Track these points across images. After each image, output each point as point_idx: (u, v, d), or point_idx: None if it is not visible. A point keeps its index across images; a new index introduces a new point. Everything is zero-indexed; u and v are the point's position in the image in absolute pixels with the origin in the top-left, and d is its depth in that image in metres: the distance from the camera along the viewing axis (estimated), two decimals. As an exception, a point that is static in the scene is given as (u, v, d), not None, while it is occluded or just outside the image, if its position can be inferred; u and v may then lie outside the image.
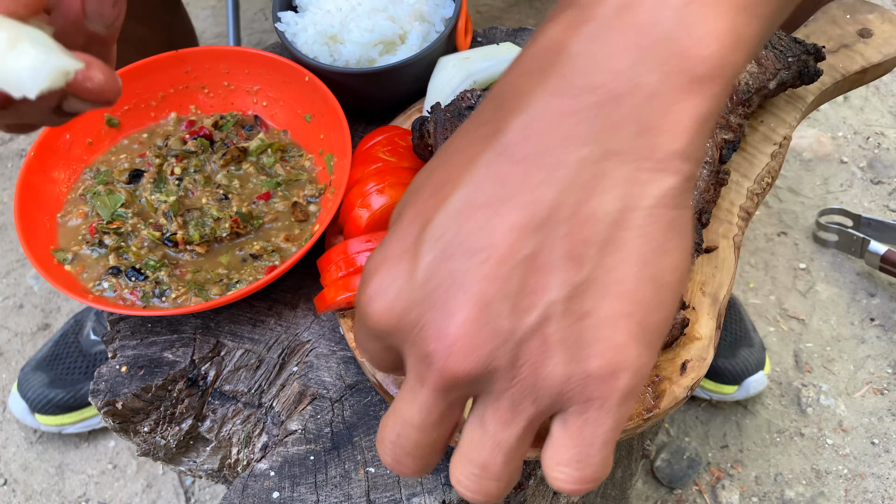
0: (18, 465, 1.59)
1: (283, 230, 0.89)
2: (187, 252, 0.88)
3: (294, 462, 0.77)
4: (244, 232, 0.89)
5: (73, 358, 1.56)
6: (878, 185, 1.95)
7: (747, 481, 1.54)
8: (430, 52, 0.95)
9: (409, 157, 0.88)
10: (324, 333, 0.86)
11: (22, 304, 1.79)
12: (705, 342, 0.77)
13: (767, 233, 1.87)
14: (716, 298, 0.81)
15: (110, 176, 0.93)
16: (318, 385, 0.83)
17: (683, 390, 0.74)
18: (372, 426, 0.79)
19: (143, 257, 0.87)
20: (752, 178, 0.90)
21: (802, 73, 0.91)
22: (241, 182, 0.93)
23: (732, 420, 1.61)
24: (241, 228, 0.89)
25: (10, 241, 1.90)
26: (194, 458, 0.92)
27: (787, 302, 1.77)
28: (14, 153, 2.07)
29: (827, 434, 1.59)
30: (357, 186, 0.85)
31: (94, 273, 0.87)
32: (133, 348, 0.85)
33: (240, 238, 0.89)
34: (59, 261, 0.87)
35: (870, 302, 1.76)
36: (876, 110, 2.09)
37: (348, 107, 0.95)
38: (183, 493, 1.54)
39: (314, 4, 1.00)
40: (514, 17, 2.21)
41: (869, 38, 1.00)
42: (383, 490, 0.75)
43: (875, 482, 1.53)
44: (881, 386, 1.65)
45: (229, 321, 0.87)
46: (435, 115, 0.84)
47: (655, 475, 1.54)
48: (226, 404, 0.86)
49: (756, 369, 1.56)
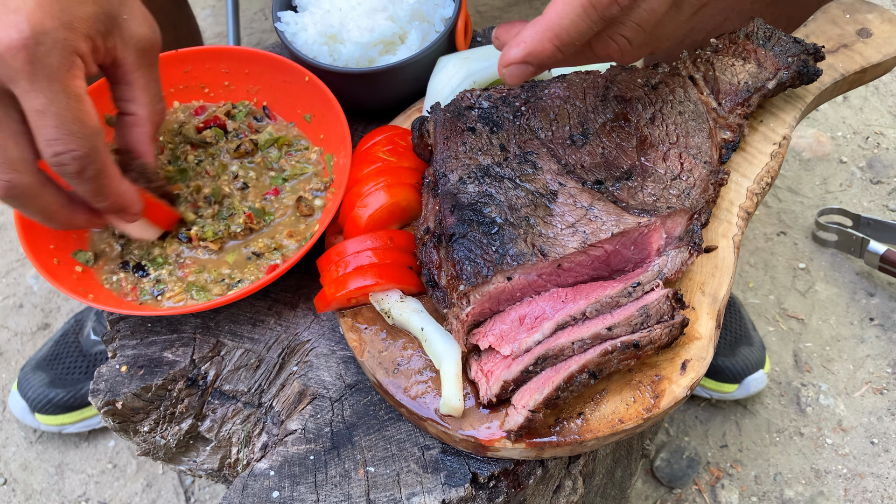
0: (18, 464, 1.59)
1: (287, 226, 0.90)
2: (200, 248, 0.88)
3: (294, 462, 0.77)
4: (257, 228, 0.90)
5: (73, 358, 1.56)
6: (877, 185, 1.95)
7: (747, 481, 1.54)
8: (429, 52, 0.95)
9: (409, 156, 0.88)
10: (324, 333, 0.86)
11: (22, 304, 1.80)
12: (705, 341, 0.78)
13: (767, 232, 1.87)
14: (715, 298, 0.81)
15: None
16: (318, 385, 0.83)
17: (683, 389, 0.74)
18: (372, 426, 0.79)
19: (156, 255, 0.88)
20: (751, 177, 0.90)
21: (802, 72, 0.91)
22: (255, 174, 0.94)
23: (732, 420, 1.62)
24: (254, 224, 0.89)
25: (10, 241, 1.90)
26: (194, 457, 0.92)
27: (786, 301, 1.77)
28: (14, 153, 2.07)
29: (826, 433, 1.59)
30: (357, 186, 0.85)
31: (111, 267, 0.88)
32: (133, 348, 0.86)
33: (252, 234, 0.90)
34: (81, 262, 0.88)
35: (869, 302, 1.76)
36: (875, 110, 2.09)
37: (348, 107, 0.95)
38: (183, 492, 1.54)
39: (314, 4, 1.00)
40: (514, 17, 2.21)
41: (868, 38, 1.00)
42: (383, 489, 0.75)
43: (874, 481, 1.53)
44: (880, 385, 1.65)
45: (229, 321, 0.87)
46: (435, 114, 0.84)
47: (655, 475, 1.55)
48: (226, 404, 0.86)
49: (756, 368, 1.56)
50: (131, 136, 0.78)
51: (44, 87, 0.65)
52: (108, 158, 0.72)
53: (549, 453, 0.74)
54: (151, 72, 0.77)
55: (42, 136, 0.67)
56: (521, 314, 0.75)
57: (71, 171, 0.69)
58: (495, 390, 0.73)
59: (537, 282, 0.75)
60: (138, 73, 0.75)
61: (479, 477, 0.75)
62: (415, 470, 0.76)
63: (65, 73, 0.65)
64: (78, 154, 0.68)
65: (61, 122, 0.66)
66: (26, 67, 0.64)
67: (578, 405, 0.74)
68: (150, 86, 0.77)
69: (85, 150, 0.68)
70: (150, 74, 0.76)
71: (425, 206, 0.83)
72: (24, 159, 0.69)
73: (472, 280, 0.72)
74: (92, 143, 0.68)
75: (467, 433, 0.73)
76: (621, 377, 0.75)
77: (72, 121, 0.66)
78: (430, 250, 0.79)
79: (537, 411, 0.69)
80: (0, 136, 0.68)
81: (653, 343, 0.72)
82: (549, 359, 0.72)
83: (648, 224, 0.76)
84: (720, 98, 0.89)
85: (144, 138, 0.78)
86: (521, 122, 0.84)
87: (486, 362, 0.75)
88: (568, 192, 0.78)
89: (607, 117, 0.85)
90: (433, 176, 0.81)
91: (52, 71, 0.65)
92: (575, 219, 0.76)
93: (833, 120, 2.07)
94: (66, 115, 0.66)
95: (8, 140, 0.68)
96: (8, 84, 0.65)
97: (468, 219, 0.75)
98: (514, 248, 0.73)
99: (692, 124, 0.86)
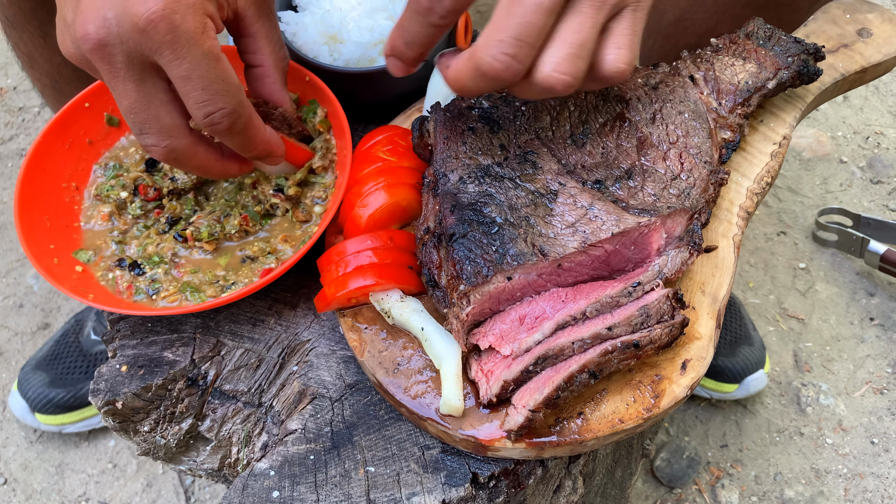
0: (18, 464, 1.59)
1: (282, 231, 0.90)
2: (195, 249, 0.88)
3: (294, 461, 0.77)
4: (253, 230, 0.89)
5: (73, 357, 1.56)
6: (877, 185, 1.95)
7: (747, 480, 1.54)
8: (429, 52, 0.95)
9: (409, 156, 0.88)
10: (324, 333, 0.86)
11: (22, 304, 1.80)
12: (705, 341, 0.78)
13: (767, 232, 1.87)
14: (715, 298, 0.81)
15: (120, 170, 0.94)
16: (318, 384, 0.83)
17: (683, 389, 0.74)
18: (372, 426, 0.79)
19: (151, 253, 0.88)
20: (751, 177, 0.90)
21: (802, 72, 0.91)
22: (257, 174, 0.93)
23: (732, 419, 1.62)
24: (249, 226, 0.89)
25: (10, 241, 1.90)
26: (194, 457, 0.92)
27: (786, 301, 1.77)
28: (14, 153, 2.07)
29: (826, 433, 1.59)
30: (357, 186, 0.85)
31: (107, 264, 0.89)
32: (133, 348, 0.86)
33: (248, 236, 0.89)
34: (83, 261, 0.88)
35: (869, 301, 1.76)
36: (875, 110, 2.09)
37: (348, 106, 0.95)
38: (183, 492, 1.54)
39: (314, 4, 1.00)
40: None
41: (869, 37, 1.00)
42: (383, 489, 0.75)
43: (874, 481, 1.53)
44: (880, 385, 1.65)
45: (229, 320, 0.87)
46: (435, 114, 0.84)
47: (655, 474, 1.55)
48: (226, 404, 0.86)
49: (756, 368, 1.56)
50: (264, 88, 0.82)
51: (185, 53, 0.68)
52: (253, 110, 0.76)
53: (549, 453, 0.74)
54: (270, 21, 0.79)
55: (192, 100, 0.70)
56: (522, 314, 0.75)
57: (223, 127, 0.73)
58: (495, 390, 0.73)
59: (537, 282, 0.75)
60: (259, 24, 0.78)
61: (479, 477, 0.75)
62: (415, 470, 0.76)
63: (201, 36, 0.68)
64: (226, 111, 0.72)
65: (207, 84, 0.69)
66: (168, 37, 0.67)
67: (578, 405, 0.74)
68: (272, 35, 0.80)
69: (232, 105, 0.72)
70: (269, 24, 0.79)
71: (425, 205, 0.83)
72: (177, 125, 0.73)
73: (472, 280, 0.72)
74: (238, 98, 0.72)
75: (467, 433, 0.73)
76: (621, 377, 0.75)
77: (216, 80, 0.70)
78: (430, 250, 0.79)
79: (537, 411, 0.69)
80: (153, 106, 0.71)
81: (653, 343, 0.72)
82: (549, 359, 0.72)
83: (648, 224, 0.76)
84: (720, 98, 0.89)
85: (277, 87, 0.82)
86: (521, 122, 0.84)
87: (486, 362, 0.75)
88: (568, 191, 0.78)
89: (607, 117, 0.85)
90: (433, 176, 0.81)
91: (190, 36, 0.67)
92: (575, 218, 0.76)
93: (833, 120, 2.08)
94: (210, 75, 0.69)
95: (160, 109, 0.72)
96: (153, 56, 0.68)
97: (468, 219, 0.75)
98: (514, 248, 0.73)
99: (692, 124, 0.86)
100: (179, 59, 0.68)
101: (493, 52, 0.66)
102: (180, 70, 0.68)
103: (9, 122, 2.15)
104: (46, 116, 2.13)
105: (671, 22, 1.26)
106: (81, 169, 0.94)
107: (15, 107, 2.19)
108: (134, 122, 0.73)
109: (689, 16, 1.23)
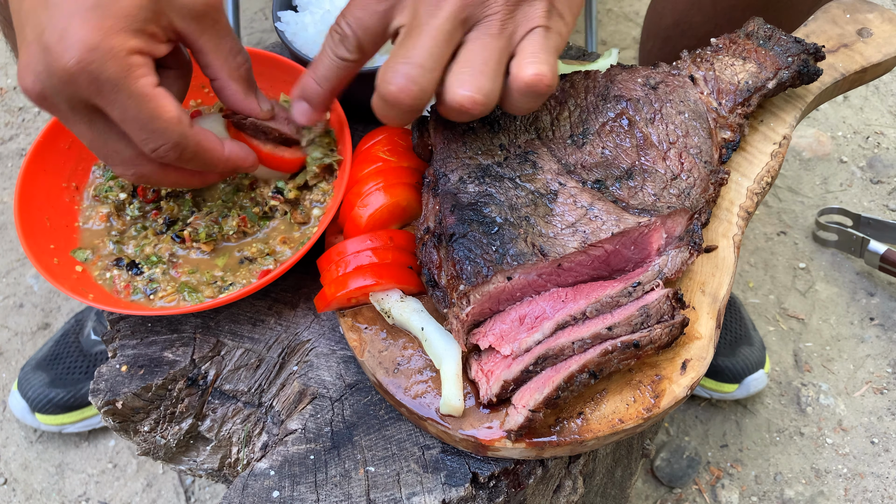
0: (18, 464, 1.59)
1: (280, 233, 0.89)
2: (193, 249, 0.88)
3: (294, 461, 0.77)
4: (251, 231, 0.89)
5: (73, 357, 1.56)
6: (877, 185, 1.95)
7: (747, 480, 1.54)
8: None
9: (409, 156, 0.88)
10: (324, 333, 0.86)
11: (22, 304, 1.80)
12: (705, 341, 0.78)
13: (767, 232, 1.87)
14: (715, 298, 0.81)
15: None
16: (318, 384, 0.83)
17: (683, 389, 0.74)
18: (372, 425, 0.79)
19: (149, 254, 0.88)
20: (751, 177, 0.90)
21: (802, 72, 0.91)
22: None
23: (732, 419, 1.62)
24: (248, 228, 0.89)
25: (10, 241, 1.90)
26: (194, 457, 0.92)
27: (786, 301, 1.77)
28: (14, 153, 2.07)
29: (826, 433, 1.59)
30: (357, 186, 0.85)
31: (104, 263, 0.88)
32: (133, 348, 0.86)
33: (246, 237, 0.89)
34: (80, 260, 0.88)
35: (869, 301, 1.76)
36: (875, 110, 2.09)
37: (348, 106, 0.95)
38: (183, 492, 1.54)
39: (314, 4, 1.00)
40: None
41: (869, 37, 1.00)
42: (383, 489, 0.75)
43: (874, 481, 1.53)
44: (881, 385, 1.65)
45: (229, 320, 0.87)
46: (435, 114, 0.84)
47: (655, 474, 1.55)
48: (226, 403, 0.86)
49: (756, 368, 1.56)
50: (226, 100, 0.82)
51: (112, 99, 0.68)
52: (201, 135, 0.75)
53: (549, 453, 0.74)
54: (215, 33, 0.78)
55: (135, 138, 0.72)
56: (522, 314, 0.75)
57: (172, 159, 0.74)
58: (495, 390, 0.73)
59: (537, 281, 0.75)
60: (204, 39, 0.77)
61: (479, 476, 0.75)
62: (415, 469, 0.76)
63: (125, 80, 0.68)
64: (168, 145, 0.72)
65: (142, 125, 0.70)
66: (91, 87, 0.67)
67: (578, 405, 0.74)
68: (220, 46, 0.79)
69: (173, 139, 0.72)
70: (214, 37, 0.78)
71: (425, 205, 0.83)
72: (137, 154, 0.75)
73: (472, 280, 0.72)
74: (177, 132, 0.72)
75: (467, 433, 0.73)
76: (621, 377, 0.75)
77: (149, 120, 0.70)
78: (430, 250, 0.79)
79: (537, 411, 0.69)
80: (110, 142, 0.73)
81: (653, 343, 0.72)
82: (549, 358, 0.72)
83: (648, 224, 0.76)
84: (720, 97, 0.89)
85: (239, 97, 0.81)
86: (521, 122, 0.84)
87: (486, 362, 0.75)
88: (568, 191, 0.78)
89: (607, 117, 0.85)
90: (433, 176, 0.81)
91: (114, 83, 0.67)
92: (575, 218, 0.76)
93: (833, 120, 2.08)
94: (142, 116, 0.70)
95: (117, 144, 0.74)
96: (90, 100, 0.69)
97: (468, 218, 0.75)
98: (514, 248, 0.73)
99: (692, 124, 0.86)
100: (109, 104, 0.69)
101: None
102: (113, 114, 0.70)
103: (9, 122, 2.15)
104: (46, 116, 2.13)
105: (670, 25, 1.26)
106: (81, 169, 0.94)
107: (15, 107, 2.19)
108: (99, 156, 0.75)
109: (688, 19, 1.23)
